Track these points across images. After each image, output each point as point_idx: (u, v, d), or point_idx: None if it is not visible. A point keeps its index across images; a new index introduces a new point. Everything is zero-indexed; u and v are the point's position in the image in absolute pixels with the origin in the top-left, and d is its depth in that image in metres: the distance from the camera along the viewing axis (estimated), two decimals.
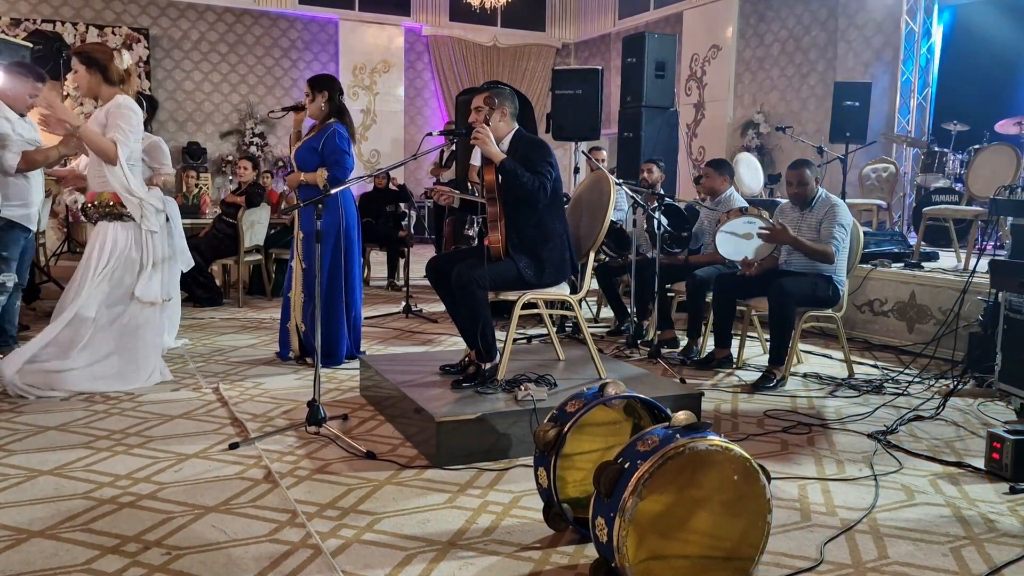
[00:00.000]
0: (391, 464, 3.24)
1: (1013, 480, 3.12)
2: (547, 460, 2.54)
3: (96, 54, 4.16)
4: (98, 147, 4.08)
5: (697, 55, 12.33)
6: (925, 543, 2.64)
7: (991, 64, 8.84)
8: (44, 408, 3.89)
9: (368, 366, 4.21)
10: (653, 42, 8.13)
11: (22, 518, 2.67)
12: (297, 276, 4.89)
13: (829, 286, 4.73)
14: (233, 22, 13.44)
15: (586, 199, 4.26)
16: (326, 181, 4.63)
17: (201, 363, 4.95)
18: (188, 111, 13.28)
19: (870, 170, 8.43)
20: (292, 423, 3.74)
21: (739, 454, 2.18)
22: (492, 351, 3.77)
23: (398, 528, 2.66)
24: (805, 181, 4.83)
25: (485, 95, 3.88)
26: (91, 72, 4.13)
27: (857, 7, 10.03)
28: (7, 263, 4.51)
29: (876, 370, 5.08)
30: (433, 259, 4.10)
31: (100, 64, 4.13)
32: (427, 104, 15.00)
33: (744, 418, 4.03)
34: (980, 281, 4.90)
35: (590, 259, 4.12)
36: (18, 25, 11.72)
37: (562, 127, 7.70)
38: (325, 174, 4.67)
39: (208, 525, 2.65)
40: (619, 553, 2.08)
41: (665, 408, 2.58)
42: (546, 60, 15.31)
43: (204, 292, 7.16)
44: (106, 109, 4.13)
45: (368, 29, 14.12)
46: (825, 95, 10.12)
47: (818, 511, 2.87)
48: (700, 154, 12.31)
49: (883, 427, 3.82)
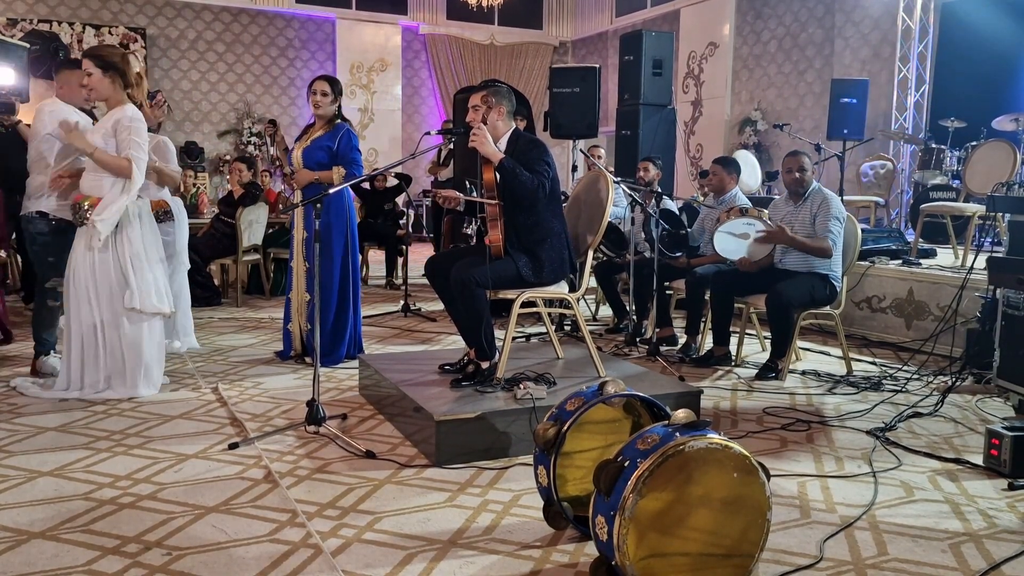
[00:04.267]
0: (391, 463, 3.24)
1: (1012, 476, 3.13)
2: (547, 458, 2.54)
3: (114, 58, 4.02)
4: (114, 169, 3.97)
5: (694, 53, 12.33)
6: (924, 539, 2.64)
7: (988, 61, 8.84)
8: (43, 409, 3.89)
9: (367, 365, 4.21)
10: (650, 40, 8.13)
11: (22, 519, 2.67)
12: (299, 276, 4.88)
13: (826, 286, 4.74)
14: (230, 21, 13.43)
15: (584, 197, 4.26)
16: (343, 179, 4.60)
17: (200, 363, 4.94)
18: (185, 111, 13.27)
19: (868, 167, 8.44)
20: (291, 423, 3.74)
21: (738, 452, 2.19)
22: (491, 350, 3.78)
23: (398, 527, 2.66)
24: (804, 167, 4.84)
25: (482, 94, 3.88)
26: (109, 76, 4.00)
27: (854, 4, 10.03)
28: (56, 269, 4.38)
29: (874, 367, 5.09)
30: (432, 258, 4.10)
31: (119, 68, 4.01)
32: (424, 103, 15.00)
33: (743, 415, 4.03)
34: (978, 277, 4.91)
35: (588, 257, 4.12)
36: (15, 25, 11.71)
37: (560, 125, 7.71)
38: (343, 172, 4.65)
39: (208, 525, 2.65)
40: (619, 551, 2.09)
41: (664, 406, 2.58)
42: (543, 58, 15.31)
43: (202, 292, 7.15)
44: (115, 119, 4.00)
45: (365, 28, 14.11)
46: (822, 92, 10.13)
47: (817, 508, 2.88)
48: (698, 151, 12.32)
49: (882, 424, 3.83)
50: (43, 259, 4.41)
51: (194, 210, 8.64)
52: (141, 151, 3.99)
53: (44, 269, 4.42)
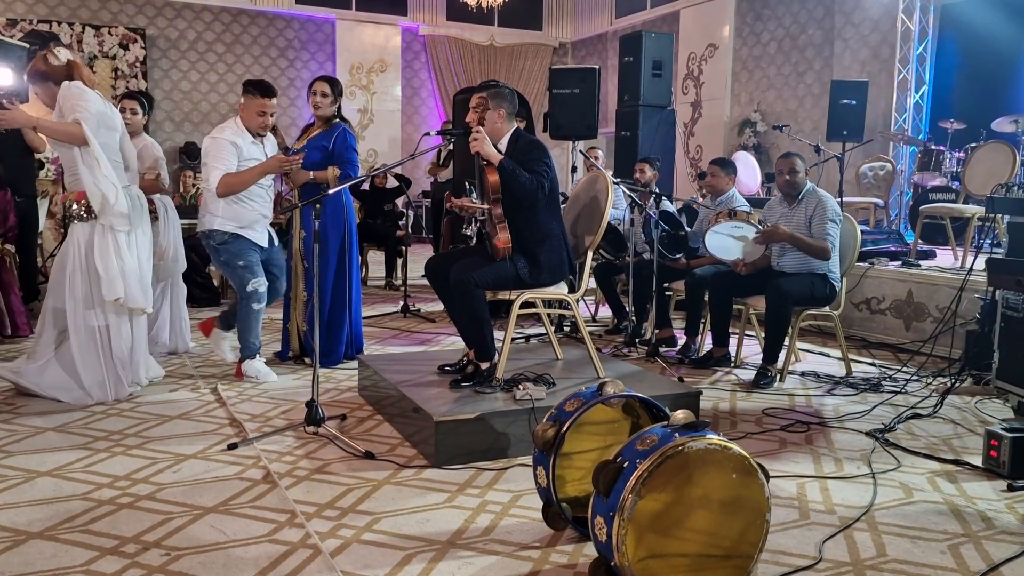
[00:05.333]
0: (390, 464, 3.24)
1: (1011, 477, 3.13)
2: (546, 459, 2.54)
3: (37, 67, 4.02)
4: (64, 133, 3.90)
5: (694, 54, 12.33)
6: (923, 541, 2.64)
7: (988, 62, 8.85)
8: (42, 410, 3.88)
9: (366, 366, 4.21)
10: (650, 41, 8.13)
11: (21, 519, 2.67)
12: (298, 276, 4.89)
13: (826, 284, 4.74)
14: (230, 22, 13.42)
15: (584, 198, 4.26)
16: (336, 179, 4.60)
17: (199, 363, 4.94)
18: (185, 111, 13.27)
19: (867, 168, 8.44)
20: (290, 423, 3.74)
21: (738, 453, 2.19)
22: (490, 351, 3.78)
23: (397, 528, 2.66)
24: (796, 170, 4.85)
25: (483, 95, 3.88)
26: (40, 85, 4.01)
27: (854, 5, 10.04)
28: (249, 270, 4.46)
29: (874, 368, 5.09)
30: (432, 259, 4.10)
31: (42, 73, 3.99)
32: (424, 103, 14.99)
33: (742, 416, 4.03)
34: (977, 279, 4.92)
35: (588, 258, 4.12)
36: (14, 25, 11.70)
37: (560, 126, 7.71)
38: (337, 172, 4.66)
39: (207, 526, 2.65)
40: (618, 552, 2.09)
41: (664, 407, 2.58)
42: (543, 59, 15.30)
43: (202, 292, 7.15)
44: (58, 102, 3.97)
45: (365, 29, 14.10)
46: (822, 93, 10.13)
47: (817, 509, 2.88)
48: (697, 153, 12.32)
49: (881, 425, 3.83)
50: (234, 266, 4.48)
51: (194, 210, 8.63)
52: (86, 111, 3.91)
53: (239, 275, 4.49)
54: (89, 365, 4.00)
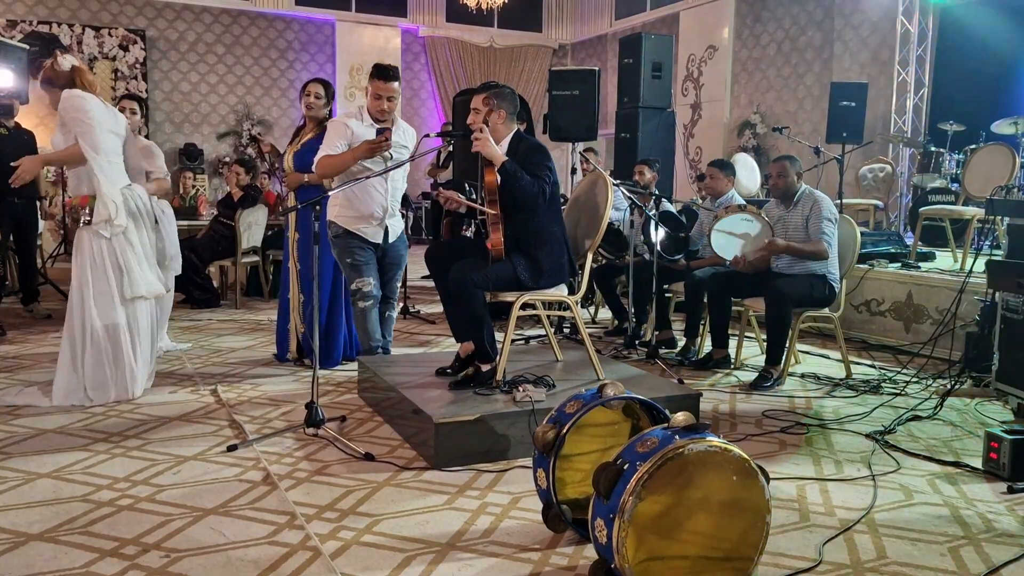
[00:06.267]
0: (390, 466, 3.24)
1: (1011, 480, 3.13)
2: (546, 461, 2.54)
3: (46, 73, 4.06)
4: (69, 159, 4.03)
5: (694, 56, 12.34)
6: (923, 543, 2.64)
7: (987, 64, 8.86)
8: (41, 411, 3.88)
9: (366, 367, 4.21)
10: (650, 43, 8.14)
11: (20, 521, 2.66)
12: (294, 277, 4.89)
13: (825, 285, 4.75)
14: (229, 23, 13.43)
15: (584, 200, 4.26)
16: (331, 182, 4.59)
17: (199, 365, 4.94)
18: (185, 112, 13.27)
19: (867, 170, 8.44)
20: (290, 425, 3.73)
21: (738, 455, 2.19)
22: (491, 352, 3.77)
23: (397, 530, 2.66)
24: (785, 173, 4.88)
25: (484, 96, 3.88)
26: (48, 90, 4.06)
27: (853, 8, 10.05)
28: (354, 268, 4.42)
29: (873, 370, 5.09)
30: (433, 246, 4.10)
31: (48, 79, 4.04)
32: (424, 105, 15.00)
33: (742, 418, 4.03)
34: (977, 281, 4.92)
35: (588, 260, 4.12)
36: (14, 27, 11.71)
37: (559, 128, 7.71)
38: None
39: (207, 527, 2.64)
40: (618, 554, 2.09)
41: (664, 409, 2.58)
42: (543, 61, 15.32)
43: (201, 294, 7.15)
44: (59, 109, 4.02)
45: (365, 30, 14.12)
46: (821, 95, 10.14)
47: (817, 511, 2.88)
48: (697, 154, 12.33)
49: (881, 427, 3.83)
50: (343, 262, 4.51)
51: (193, 212, 8.64)
52: (85, 126, 3.95)
53: (346, 272, 4.53)
54: (92, 366, 4.00)
